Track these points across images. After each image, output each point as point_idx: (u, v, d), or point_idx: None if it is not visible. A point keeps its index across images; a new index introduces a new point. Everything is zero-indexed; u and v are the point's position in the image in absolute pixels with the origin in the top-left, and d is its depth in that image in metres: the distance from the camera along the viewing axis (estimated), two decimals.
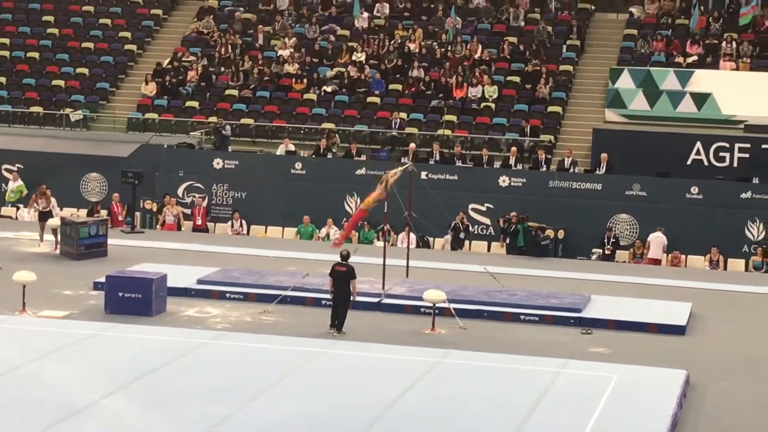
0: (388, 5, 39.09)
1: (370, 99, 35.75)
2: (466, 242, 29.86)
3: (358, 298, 21.19)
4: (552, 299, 22.79)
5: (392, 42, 37.34)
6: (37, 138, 34.44)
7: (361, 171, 30.94)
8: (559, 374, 18.03)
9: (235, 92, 36.48)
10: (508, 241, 29.20)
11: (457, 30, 37.26)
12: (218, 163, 31.92)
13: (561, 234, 29.48)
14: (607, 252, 29.34)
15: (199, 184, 31.62)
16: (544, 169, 31.35)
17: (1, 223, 30.63)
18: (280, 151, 32.82)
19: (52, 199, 28.35)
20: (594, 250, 29.51)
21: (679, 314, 22.30)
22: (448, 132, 33.92)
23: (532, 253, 28.47)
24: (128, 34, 39.56)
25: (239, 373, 17.70)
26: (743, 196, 29.55)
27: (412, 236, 27.56)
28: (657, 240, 28.91)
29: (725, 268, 28.84)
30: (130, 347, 18.86)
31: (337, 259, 20.87)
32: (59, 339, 19.06)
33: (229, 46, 37.89)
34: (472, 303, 22.33)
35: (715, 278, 26.98)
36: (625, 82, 34.37)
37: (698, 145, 31.73)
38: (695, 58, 35.63)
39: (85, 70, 38.20)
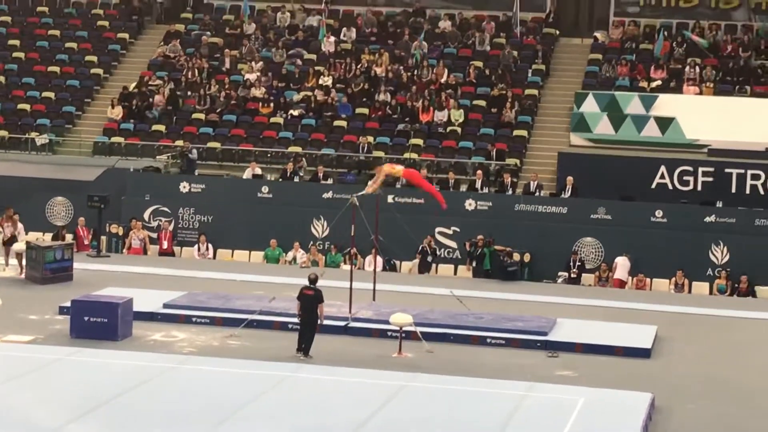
0: (354, 29, 39.23)
1: (336, 123, 35.81)
2: (433, 266, 29.94)
3: (325, 322, 21.16)
4: (518, 322, 22.84)
5: (359, 66, 37.43)
6: (3, 162, 34.24)
7: (328, 194, 30.95)
8: (525, 397, 18.07)
9: (201, 116, 36.45)
10: (474, 264, 29.31)
11: (424, 54, 37.43)
12: (185, 187, 31.86)
13: (527, 257, 29.57)
14: (572, 275, 29.47)
15: (165, 208, 31.53)
16: (510, 192, 31.54)
17: None
18: (247, 174, 32.80)
19: (19, 225, 28.19)
20: (560, 273, 29.63)
21: (644, 337, 22.39)
22: (414, 155, 34.00)
23: (499, 276, 28.58)
24: (94, 58, 39.46)
25: (206, 397, 17.63)
26: (707, 219, 29.76)
27: (379, 259, 27.60)
28: (623, 263, 29.07)
29: (690, 291, 28.99)
30: (95, 372, 18.76)
31: (305, 282, 20.88)
32: (24, 364, 18.93)
33: (196, 70, 37.87)
34: (438, 326, 22.34)
35: (680, 301, 27.15)
36: (590, 106, 34.63)
37: (662, 169, 31.99)
38: (659, 82, 35.90)
39: (51, 94, 38.09)
